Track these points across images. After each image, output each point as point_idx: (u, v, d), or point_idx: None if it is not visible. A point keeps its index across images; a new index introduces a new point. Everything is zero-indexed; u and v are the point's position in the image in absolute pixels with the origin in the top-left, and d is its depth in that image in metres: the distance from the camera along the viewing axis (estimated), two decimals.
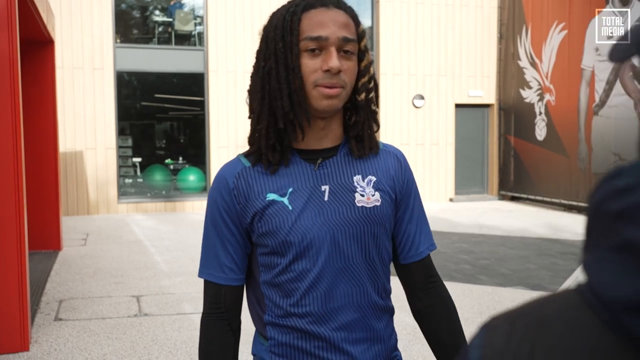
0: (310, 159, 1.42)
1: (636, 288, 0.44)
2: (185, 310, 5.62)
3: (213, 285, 1.45)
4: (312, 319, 1.38)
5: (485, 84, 14.36)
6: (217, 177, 1.45)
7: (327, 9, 1.35)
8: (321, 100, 1.33)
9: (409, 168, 1.52)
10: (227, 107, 12.62)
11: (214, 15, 12.57)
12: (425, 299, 1.53)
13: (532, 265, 7.37)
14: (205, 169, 12.98)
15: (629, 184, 0.47)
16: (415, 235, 1.51)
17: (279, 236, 1.37)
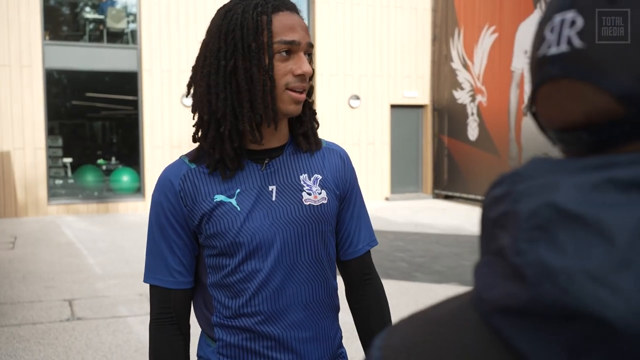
0: (257, 159, 1.41)
1: (502, 291, 0.46)
2: (120, 313, 5.49)
3: (161, 290, 1.42)
4: (261, 319, 1.38)
5: (420, 85, 14.62)
6: (161, 179, 1.42)
7: (291, 13, 1.36)
8: (290, 104, 1.34)
9: (352, 166, 1.55)
10: (162, 107, 12.40)
11: (147, 13, 12.32)
12: (360, 294, 1.57)
13: (466, 262, 7.54)
14: (139, 169, 12.71)
15: (503, 192, 0.49)
16: (355, 233, 1.54)
17: (228, 237, 1.36)
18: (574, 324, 0.41)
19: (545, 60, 0.50)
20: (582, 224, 0.43)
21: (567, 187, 0.45)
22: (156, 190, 1.42)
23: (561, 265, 0.42)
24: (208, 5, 12.63)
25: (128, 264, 7.48)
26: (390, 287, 6.24)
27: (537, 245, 0.44)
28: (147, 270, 1.44)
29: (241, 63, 1.32)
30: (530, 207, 0.46)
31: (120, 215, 12.06)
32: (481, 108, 13.06)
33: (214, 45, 1.35)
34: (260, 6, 1.33)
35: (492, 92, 12.71)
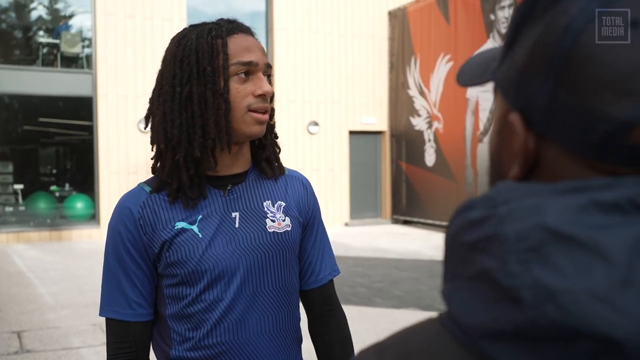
0: (220, 185, 1.38)
1: (491, 315, 0.46)
2: (72, 345, 5.30)
3: (120, 323, 1.35)
4: (223, 349, 1.33)
5: (378, 111, 14.77)
6: (119, 207, 1.36)
7: (246, 35, 1.35)
8: (253, 125, 1.31)
9: (314, 194, 1.53)
10: (118, 132, 12.21)
11: (103, 37, 12.18)
12: (322, 325, 1.53)
13: (424, 287, 7.56)
14: (94, 196, 12.45)
15: (480, 216, 0.49)
16: (317, 261, 1.51)
17: (189, 265, 1.31)
18: (576, 344, 0.42)
19: None
20: (576, 245, 0.44)
21: (555, 209, 0.46)
22: (113, 218, 1.37)
23: (562, 285, 0.43)
24: (165, 29, 12.59)
25: (81, 293, 7.26)
26: (350, 312, 6.19)
27: (531, 266, 0.44)
28: (103, 303, 1.37)
29: (196, 88, 1.30)
30: (518, 229, 0.46)
31: (74, 243, 11.75)
32: (438, 134, 13.24)
33: (169, 73, 1.32)
34: (214, 30, 1.33)
35: (448, 119, 12.91)
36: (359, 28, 14.56)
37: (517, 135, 0.53)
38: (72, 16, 13.70)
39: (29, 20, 13.96)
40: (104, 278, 1.39)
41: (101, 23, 12.18)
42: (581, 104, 0.48)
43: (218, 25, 1.34)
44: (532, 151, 0.53)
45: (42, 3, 13.79)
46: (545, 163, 0.52)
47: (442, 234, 12.64)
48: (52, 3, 13.90)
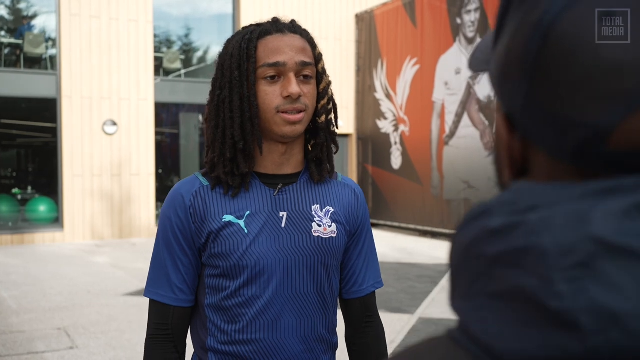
0: (271, 184, 1.40)
1: (535, 341, 0.40)
2: (37, 349, 5.22)
3: (161, 306, 1.40)
4: (257, 348, 1.35)
5: (345, 114, 14.81)
6: (173, 193, 1.41)
7: (283, 35, 1.36)
8: (284, 126, 1.33)
9: (365, 204, 1.53)
10: (82, 134, 12.03)
11: (67, 38, 12.00)
12: (360, 336, 1.54)
13: (392, 289, 7.60)
14: (58, 199, 12.24)
15: (503, 224, 0.43)
16: (361, 272, 1.51)
17: (232, 259, 1.34)
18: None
19: None
20: (635, 258, 0.38)
21: (601, 216, 0.39)
22: (166, 204, 1.41)
23: (628, 307, 0.37)
24: (131, 30, 12.46)
25: (45, 297, 7.15)
26: None
27: (584, 285, 0.38)
28: (148, 285, 1.42)
29: (228, 92, 1.35)
30: (561, 241, 0.40)
31: (37, 246, 11.54)
32: (404, 137, 13.35)
33: (215, 76, 1.40)
34: (250, 33, 1.36)
35: (414, 122, 13.03)
36: (327, 31, 14.60)
37: (502, 137, 0.50)
38: (36, 16, 13.47)
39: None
40: (152, 261, 1.44)
41: (66, 23, 12.00)
42: (554, 108, 0.43)
43: (258, 27, 1.39)
44: (518, 153, 0.48)
45: (3, 3, 13.53)
46: (536, 166, 0.47)
47: (409, 236, 12.79)
48: (14, 3, 13.65)
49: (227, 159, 1.35)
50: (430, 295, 7.22)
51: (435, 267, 9.16)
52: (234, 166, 1.36)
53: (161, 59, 13.75)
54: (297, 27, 1.43)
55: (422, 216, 12.78)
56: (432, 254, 10.52)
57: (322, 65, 1.44)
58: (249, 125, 1.34)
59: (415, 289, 7.64)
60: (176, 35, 14.68)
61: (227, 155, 1.35)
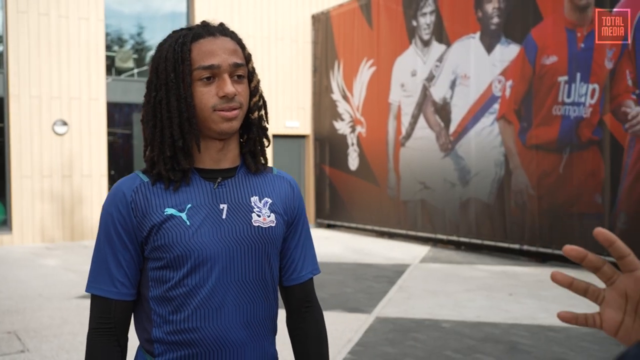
0: (210, 178, 1.48)
1: None
2: None
3: (103, 300, 1.45)
4: (201, 335, 1.41)
5: (301, 115, 14.83)
6: (114, 190, 1.47)
7: (214, 38, 1.44)
8: (222, 123, 1.41)
9: (300, 195, 1.62)
10: (31, 134, 11.75)
11: (14, 35, 11.69)
12: (300, 321, 1.63)
13: (349, 289, 7.65)
14: (6, 201, 11.91)
15: None
16: (300, 260, 1.61)
17: (175, 250, 1.40)
18: None
19: None
20: None
21: None
22: (107, 200, 1.47)
23: None
24: (82, 28, 12.21)
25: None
26: None
27: None
28: (90, 280, 1.46)
29: (164, 94, 1.43)
30: None
31: None
32: (361, 138, 13.42)
33: (149, 79, 1.47)
34: (182, 37, 1.43)
35: (370, 123, 13.11)
36: (283, 31, 14.59)
37: None
38: None
39: None
40: (93, 256, 1.48)
41: (12, 20, 11.70)
42: None
43: (189, 31, 1.45)
44: None
45: None
46: None
47: (366, 237, 12.85)
48: None
49: (167, 157, 1.43)
50: (387, 295, 7.30)
51: (392, 268, 9.24)
52: (175, 163, 1.43)
53: (113, 57, 13.48)
54: (227, 29, 1.49)
55: (379, 217, 12.87)
56: (388, 254, 10.60)
57: (252, 64, 1.53)
58: (187, 125, 1.41)
59: (372, 288, 7.71)
60: (128, 33, 14.42)
61: (167, 153, 1.42)
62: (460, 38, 10.93)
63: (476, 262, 9.72)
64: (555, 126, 9.26)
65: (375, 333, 5.71)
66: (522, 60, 9.75)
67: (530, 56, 9.63)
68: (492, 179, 10.29)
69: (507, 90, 9.99)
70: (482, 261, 9.83)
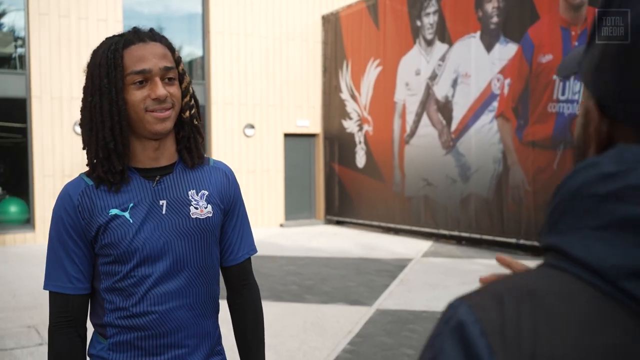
0: (149, 177, 1.58)
1: (633, 257, 0.48)
2: (6, 346, 5.41)
3: (60, 296, 1.55)
4: (150, 318, 1.54)
5: (311, 114, 15.07)
6: (62, 193, 1.56)
7: (145, 44, 1.51)
8: (155, 124, 1.51)
9: (236, 182, 1.74)
10: (53, 134, 12.07)
11: (36, 37, 11.99)
12: (238, 296, 1.77)
13: (352, 283, 7.88)
14: (29, 199, 12.26)
15: (617, 170, 0.52)
16: (236, 242, 1.73)
17: (121, 246, 1.52)
18: None
19: None
20: None
21: None
22: (57, 204, 1.57)
23: None
24: (101, 30, 12.47)
25: (15, 297, 7.30)
26: (281, 308, 6.50)
27: None
28: (47, 278, 1.57)
29: (98, 98, 1.50)
30: None
31: (8, 247, 11.59)
32: (368, 137, 13.63)
33: (85, 84, 1.55)
34: (114, 44, 1.51)
35: (377, 121, 13.30)
36: (294, 32, 14.81)
37: (593, 120, 0.59)
38: (3, 15, 13.49)
39: None
40: (47, 256, 1.58)
41: (34, 22, 11.98)
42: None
43: (121, 37, 1.53)
44: (604, 134, 0.58)
45: None
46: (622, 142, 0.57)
47: (372, 232, 13.03)
48: None
49: (102, 159, 1.52)
50: (388, 288, 7.52)
51: (395, 262, 9.45)
52: (110, 164, 1.52)
53: None
54: (157, 34, 1.57)
55: (385, 213, 13.05)
56: (392, 249, 10.82)
57: (182, 67, 1.60)
58: (118, 128, 1.49)
59: (374, 282, 7.92)
60: None
61: (100, 156, 1.51)
62: (462, 37, 11.09)
63: (475, 257, 9.88)
64: (550, 123, 9.42)
65: (375, 325, 5.89)
66: (520, 58, 9.90)
67: (527, 55, 9.79)
68: (491, 175, 10.44)
69: (505, 88, 10.15)
70: (480, 255, 9.98)
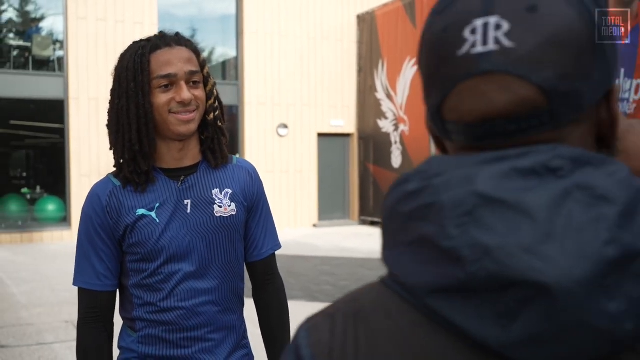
0: (174, 177, 1.63)
1: (434, 274, 0.51)
2: (45, 340, 5.49)
3: (89, 293, 1.61)
4: (177, 313, 1.58)
5: (346, 114, 15.02)
6: (90, 194, 1.62)
7: (171, 48, 1.56)
8: (179, 126, 1.55)
9: (260, 180, 1.77)
10: (89, 135, 12.26)
11: (74, 40, 12.24)
12: (263, 291, 1.80)
13: None
14: (66, 198, 12.48)
15: (416, 188, 0.55)
16: (261, 238, 1.77)
17: (148, 245, 1.57)
18: (508, 292, 0.48)
19: (471, 58, 0.54)
20: (505, 207, 0.50)
21: (483, 177, 0.52)
22: (85, 204, 1.63)
23: (496, 242, 0.49)
24: (136, 32, 12.63)
25: (54, 292, 7.41)
26: (315, 309, 6.36)
27: (468, 228, 0.50)
28: (76, 275, 1.63)
29: (125, 101, 1.55)
30: (453, 197, 0.52)
31: (45, 245, 11.82)
32: (404, 137, 13.54)
33: (112, 87, 1.60)
34: (141, 48, 1.56)
35: (413, 121, 13.21)
36: (328, 31, 14.79)
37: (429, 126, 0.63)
38: (43, 19, 13.74)
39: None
40: (77, 254, 1.64)
41: (73, 26, 12.21)
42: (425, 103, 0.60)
43: (148, 42, 1.57)
44: (439, 141, 0.63)
45: (12, 5, 13.81)
46: (447, 148, 0.61)
47: None
48: (22, 6, 13.93)
49: (128, 160, 1.57)
50: None
51: None
52: (136, 165, 1.57)
53: None
54: (182, 39, 1.62)
55: None
56: None
57: (207, 69, 1.65)
58: (145, 130, 1.54)
59: None
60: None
61: (126, 157, 1.57)
62: None
63: None
64: None
65: None
66: None
67: None
68: None
69: None
70: None
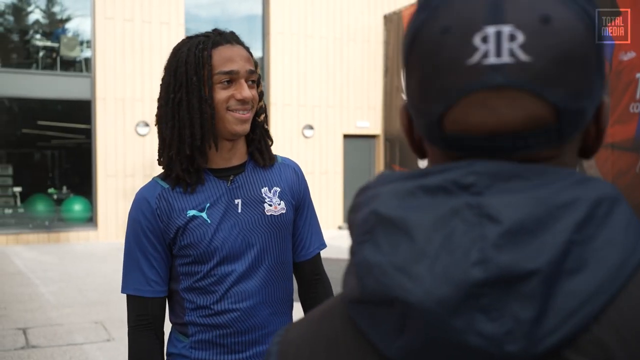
0: (222, 176, 1.60)
1: (349, 285, 0.55)
2: (75, 341, 5.45)
3: (140, 299, 1.56)
4: (230, 316, 1.55)
5: (372, 115, 14.91)
6: (138, 199, 1.58)
7: (232, 45, 1.55)
8: (235, 124, 1.53)
9: (304, 178, 1.76)
10: (116, 135, 12.30)
11: (102, 40, 12.28)
12: (311, 292, 1.78)
13: None
14: (92, 198, 12.53)
15: (352, 204, 0.58)
16: (307, 237, 1.74)
17: (201, 247, 1.53)
18: (392, 308, 0.50)
19: (483, 69, 0.52)
20: (392, 226, 0.52)
21: (386, 195, 0.54)
22: (133, 209, 1.58)
23: (376, 260, 0.51)
24: (163, 33, 12.70)
25: (81, 293, 7.41)
26: None
27: (363, 246, 0.53)
28: (125, 282, 1.58)
29: (185, 95, 1.51)
30: (362, 215, 0.55)
31: (72, 245, 11.87)
32: None
33: (165, 81, 1.56)
34: (202, 43, 1.53)
35: None
36: (355, 32, 14.70)
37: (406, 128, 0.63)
38: (70, 19, 13.82)
39: (26, 23, 14.07)
40: (125, 260, 1.59)
41: (100, 27, 12.27)
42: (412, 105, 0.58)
43: (207, 38, 1.55)
44: (417, 143, 0.62)
45: (39, 6, 13.90)
46: (428, 153, 0.60)
47: None
48: (49, 6, 14.02)
49: (183, 156, 1.53)
50: None
51: None
52: (190, 163, 1.53)
53: None
54: (239, 38, 1.61)
55: None
56: None
57: (258, 71, 1.63)
58: (208, 124, 1.52)
59: None
60: None
61: (186, 152, 1.52)
62: None
63: None
64: (632, 124, 9.02)
65: None
66: None
67: (607, 52, 9.40)
68: None
69: None
70: None
